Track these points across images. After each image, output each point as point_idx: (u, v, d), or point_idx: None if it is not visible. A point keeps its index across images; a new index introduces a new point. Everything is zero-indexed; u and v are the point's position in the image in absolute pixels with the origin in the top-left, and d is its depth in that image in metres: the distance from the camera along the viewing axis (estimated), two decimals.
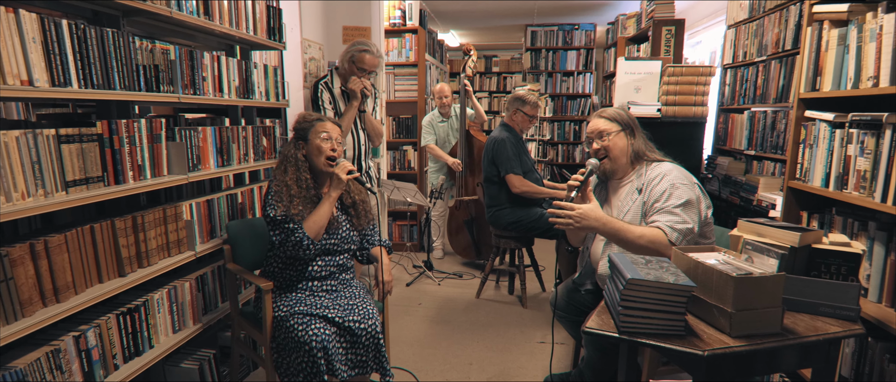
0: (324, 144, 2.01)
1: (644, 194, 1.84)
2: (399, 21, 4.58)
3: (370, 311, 1.97)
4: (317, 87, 2.88)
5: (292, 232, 1.94)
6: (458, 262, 4.58)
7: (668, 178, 1.80)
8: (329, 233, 2.05)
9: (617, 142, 1.90)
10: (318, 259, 2.05)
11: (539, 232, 3.35)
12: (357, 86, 2.84)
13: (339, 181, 1.97)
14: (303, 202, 1.98)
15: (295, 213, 1.94)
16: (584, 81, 6.78)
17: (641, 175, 1.89)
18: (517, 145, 3.37)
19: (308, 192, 2.01)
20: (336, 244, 2.07)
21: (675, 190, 1.76)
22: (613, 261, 1.40)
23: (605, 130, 1.92)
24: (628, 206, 1.89)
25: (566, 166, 6.95)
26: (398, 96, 4.76)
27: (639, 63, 2.77)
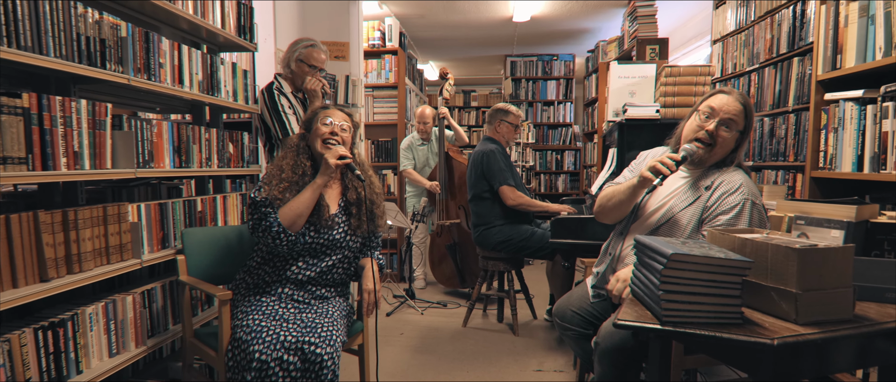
0: (323, 127, 1.80)
1: (711, 195, 1.56)
2: (378, 42, 4.45)
3: (333, 336, 1.63)
4: (272, 94, 2.60)
5: (265, 216, 1.70)
6: (441, 291, 4.28)
7: (743, 191, 1.52)
8: (317, 231, 1.78)
9: (731, 142, 1.58)
10: (301, 260, 1.77)
11: (531, 252, 3.11)
12: (316, 84, 2.62)
13: (327, 167, 1.73)
14: (292, 189, 1.75)
15: (276, 195, 1.72)
16: (564, 111, 6.74)
17: (716, 173, 1.61)
18: (506, 156, 3.18)
19: (302, 179, 1.78)
20: (324, 245, 1.79)
21: (744, 214, 1.49)
22: (643, 242, 1.17)
23: (737, 121, 1.56)
24: (687, 199, 1.63)
25: (549, 197, 6.80)
26: (377, 119, 4.57)
27: (632, 67, 2.64)
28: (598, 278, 1.94)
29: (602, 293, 1.90)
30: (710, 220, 1.54)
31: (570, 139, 6.80)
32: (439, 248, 4.15)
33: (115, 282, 1.93)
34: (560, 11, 4.95)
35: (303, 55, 2.63)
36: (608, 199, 1.78)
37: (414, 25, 5.38)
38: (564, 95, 6.73)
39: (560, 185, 6.87)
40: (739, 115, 1.55)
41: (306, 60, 2.62)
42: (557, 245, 2.62)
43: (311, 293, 1.77)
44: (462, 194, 3.99)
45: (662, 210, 1.68)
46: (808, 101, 2.47)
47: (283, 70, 2.67)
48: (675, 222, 1.63)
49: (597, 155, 5.07)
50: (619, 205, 1.72)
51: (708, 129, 1.54)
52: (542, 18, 5.19)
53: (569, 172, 6.83)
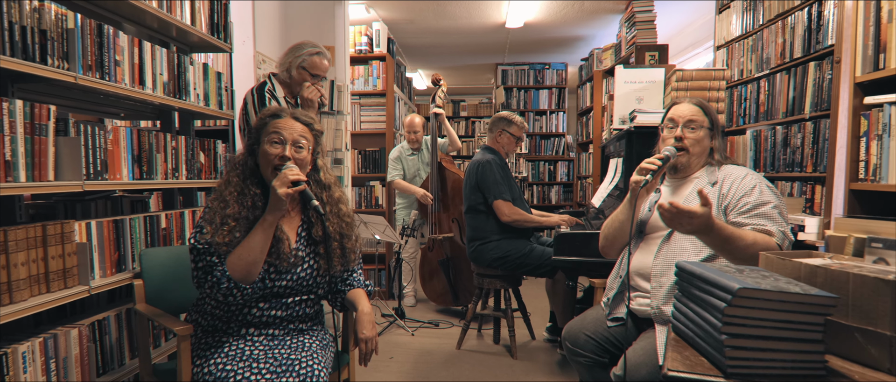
0: (272, 148, 1.43)
1: (722, 186, 1.58)
2: (365, 47, 4.24)
3: (316, 372, 1.40)
4: (263, 96, 2.38)
5: (210, 269, 1.37)
6: (432, 309, 4.04)
7: (752, 176, 1.57)
8: (278, 271, 1.45)
9: (703, 139, 1.65)
10: (262, 301, 1.47)
11: (529, 269, 2.90)
12: (314, 94, 2.39)
13: (277, 200, 1.35)
14: (242, 227, 1.40)
15: (220, 241, 1.36)
16: (556, 121, 6.58)
17: (714, 172, 1.65)
18: (503, 168, 2.97)
19: (253, 212, 1.42)
20: (288, 287, 1.48)
21: (766, 191, 1.53)
22: (691, 271, 0.96)
23: (697, 121, 1.64)
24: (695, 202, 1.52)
25: (541, 208, 6.60)
26: (364, 128, 4.35)
27: (640, 71, 2.46)
28: (610, 304, 1.74)
29: (620, 319, 1.70)
30: (735, 208, 1.52)
31: (564, 150, 6.64)
32: (431, 263, 3.92)
33: (66, 310, 1.68)
34: (555, 17, 4.80)
35: (307, 63, 2.40)
36: (609, 226, 1.74)
37: (402, 31, 5.19)
38: (557, 105, 6.58)
39: (553, 196, 6.69)
40: (697, 114, 1.65)
41: (310, 68, 2.40)
42: (560, 263, 2.41)
43: (284, 329, 1.51)
44: (455, 205, 3.78)
45: None
46: (827, 107, 2.31)
47: (281, 73, 2.45)
48: None
49: (593, 166, 4.90)
50: (621, 226, 1.68)
51: (676, 134, 1.64)
52: (536, 25, 5.03)
53: (562, 183, 6.66)
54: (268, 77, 2.47)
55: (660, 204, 1.34)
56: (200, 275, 1.38)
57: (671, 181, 1.72)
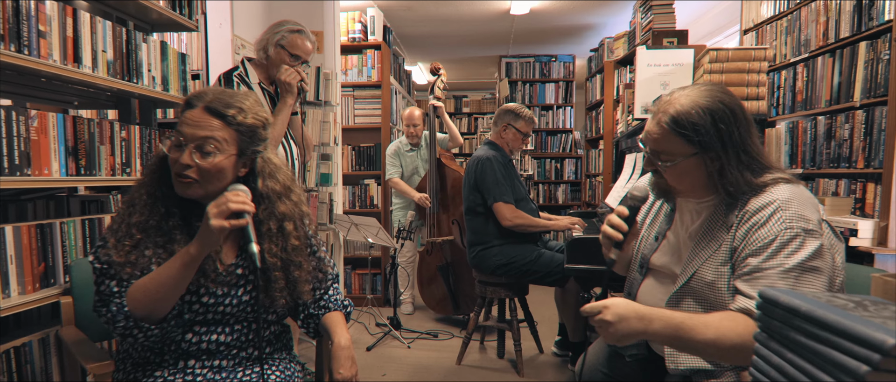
0: (170, 153, 1.10)
1: (738, 231, 1.08)
2: (359, 35, 3.94)
3: None
4: (230, 78, 2.08)
5: (107, 300, 1.06)
6: (431, 318, 3.74)
7: (780, 218, 1.02)
8: (209, 293, 1.13)
9: (688, 171, 1.11)
10: (198, 326, 1.16)
11: (537, 277, 2.60)
12: (293, 77, 2.09)
13: (209, 233, 1.01)
14: (150, 242, 1.09)
15: (121, 262, 1.05)
16: (564, 116, 6.26)
17: (735, 205, 1.11)
18: (507, 166, 2.67)
19: (166, 223, 1.11)
20: (228, 314, 1.16)
21: (792, 240, 1.00)
22: (793, 306, 0.66)
23: (662, 150, 1.11)
24: (709, 246, 1.14)
25: (548, 208, 6.30)
26: (358, 122, 4.05)
27: (665, 53, 2.16)
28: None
29: (636, 353, 1.38)
30: (739, 267, 1.05)
31: (571, 146, 6.32)
32: (429, 267, 3.62)
33: None
34: (563, 3, 4.48)
35: (286, 41, 2.10)
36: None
37: (400, 19, 4.88)
38: (564, 99, 6.26)
39: (560, 195, 6.37)
40: (662, 137, 1.10)
41: (289, 47, 2.10)
42: (573, 272, 2.11)
43: (234, 358, 1.19)
44: (456, 206, 3.48)
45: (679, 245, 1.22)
46: (884, 92, 2.00)
47: (256, 55, 2.15)
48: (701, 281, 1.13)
49: (603, 163, 4.59)
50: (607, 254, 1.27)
51: (646, 162, 1.20)
52: (543, 12, 4.72)
53: (569, 181, 6.34)
54: (241, 61, 2.17)
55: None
56: (97, 304, 1.08)
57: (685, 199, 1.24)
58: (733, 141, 1.07)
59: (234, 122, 1.10)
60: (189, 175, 1.07)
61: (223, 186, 1.10)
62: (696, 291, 1.14)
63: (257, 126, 1.13)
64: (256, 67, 2.17)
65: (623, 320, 1.01)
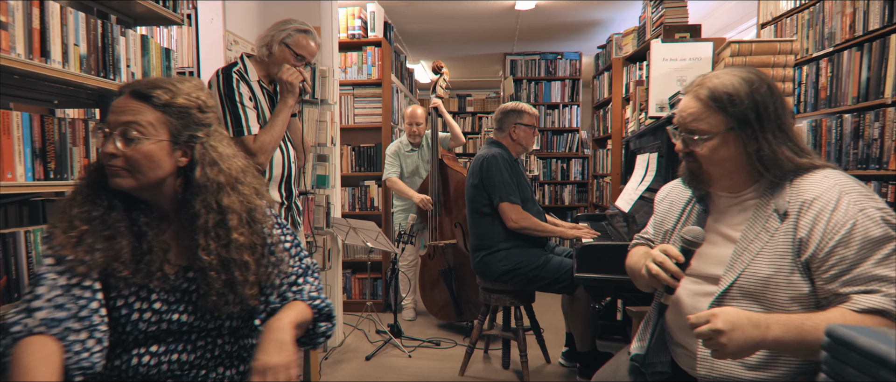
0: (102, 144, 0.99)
1: (799, 221, 1.01)
2: (359, 32, 3.81)
3: None
4: (229, 77, 1.95)
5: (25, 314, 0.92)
6: (433, 324, 3.62)
7: (847, 198, 0.98)
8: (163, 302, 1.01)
9: (719, 151, 1.08)
10: (153, 343, 1.02)
11: (544, 284, 2.46)
12: (295, 77, 1.98)
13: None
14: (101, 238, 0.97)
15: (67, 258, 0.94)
16: (570, 115, 6.12)
17: (781, 190, 1.06)
18: (513, 166, 2.54)
19: (109, 216, 0.99)
20: (189, 324, 1.03)
21: (872, 223, 0.96)
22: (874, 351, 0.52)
23: (697, 128, 1.08)
24: (759, 238, 1.06)
25: (553, 209, 6.15)
26: (358, 121, 3.92)
27: (681, 46, 2.02)
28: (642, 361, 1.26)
29: (662, 371, 1.25)
30: (823, 269, 0.98)
31: (578, 146, 6.18)
32: (432, 272, 3.50)
33: None
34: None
35: (292, 40, 1.99)
36: (631, 272, 1.33)
37: (401, 15, 4.75)
38: (570, 98, 6.12)
39: (566, 196, 6.22)
40: (698, 112, 1.08)
41: (294, 46, 1.99)
42: (584, 281, 1.98)
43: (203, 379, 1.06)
44: (458, 208, 3.35)
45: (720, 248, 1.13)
46: None
47: (257, 51, 2.03)
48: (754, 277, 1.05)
49: (611, 164, 4.44)
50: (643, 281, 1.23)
51: (678, 148, 1.15)
52: (548, 8, 4.58)
53: (576, 182, 6.20)
54: (241, 57, 2.05)
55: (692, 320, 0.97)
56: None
57: (719, 197, 1.17)
58: (769, 116, 1.05)
59: (160, 103, 0.98)
60: (115, 165, 0.96)
61: (159, 175, 0.99)
62: (747, 289, 1.05)
63: (189, 107, 1.01)
64: (256, 64, 2.05)
65: (737, 328, 0.93)
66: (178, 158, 1.01)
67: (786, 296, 1.02)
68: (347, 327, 3.42)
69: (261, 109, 2.02)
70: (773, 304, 1.03)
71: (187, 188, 1.02)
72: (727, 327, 0.93)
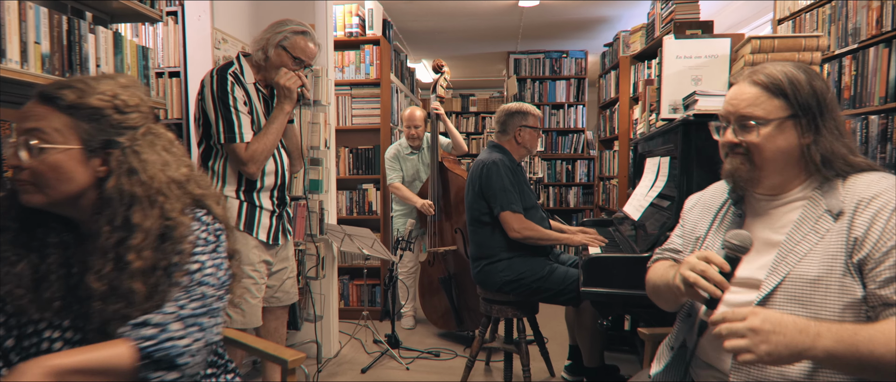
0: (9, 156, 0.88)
1: (854, 220, 0.94)
2: (357, 29, 3.68)
3: None
4: (224, 79, 1.82)
5: None
6: (433, 333, 3.49)
7: None
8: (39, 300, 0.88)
9: (773, 139, 1.00)
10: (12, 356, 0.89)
11: (548, 295, 2.33)
12: (293, 82, 1.86)
13: None
14: (27, 254, 0.88)
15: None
16: (575, 115, 5.97)
17: (833, 189, 0.99)
18: (515, 172, 2.40)
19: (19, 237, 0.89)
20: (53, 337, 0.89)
21: None
22: None
23: (753, 114, 1.00)
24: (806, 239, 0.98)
25: (558, 212, 6.01)
26: (356, 122, 3.80)
27: (696, 43, 1.88)
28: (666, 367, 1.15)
29: None
30: (877, 271, 0.90)
31: (583, 147, 6.03)
32: (431, 279, 3.37)
33: None
34: None
35: (289, 43, 1.86)
36: (654, 289, 1.21)
37: (401, 13, 4.62)
38: (576, 97, 5.96)
39: (572, 199, 6.08)
40: (754, 98, 1.01)
41: (292, 50, 1.86)
42: (591, 296, 1.84)
43: None
44: (459, 214, 3.22)
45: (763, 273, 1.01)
46: None
47: (254, 54, 1.90)
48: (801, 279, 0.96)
49: (618, 165, 4.30)
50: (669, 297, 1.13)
51: (727, 138, 1.04)
52: (553, 4, 4.44)
53: (581, 184, 6.05)
54: (237, 57, 1.92)
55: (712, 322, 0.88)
56: None
57: (755, 198, 1.09)
58: (827, 107, 1.00)
59: (66, 105, 0.85)
60: (21, 179, 0.84)
61: (71, 189, 0.86)
62: (792, 293, 0.97)
63: (103, 108, 0.87)
64: (251, 66, 1.92)
65: (779, 330, 0.84)
66: (96, 167, 0.88)
67: (838, 302, 0.92)
68: (344, 336, 3.30)
69: (256, 115, 1.90)
70: (821, 310, 0.94)
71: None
72: (767, 327, 0.84)
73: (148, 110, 0.93)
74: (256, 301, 1.96)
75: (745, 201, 1.11)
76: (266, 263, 1.99)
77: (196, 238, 0.92)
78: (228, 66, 1.87)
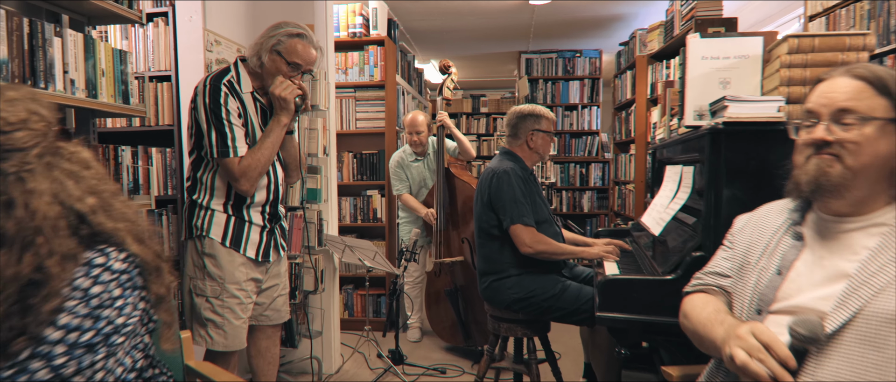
0: None
1: None
2: (360, 30, 3.54)
3: None
4: (217, 88, 1.68)
5: None
6: (440, 346, 3.34)
7: None
8: None
9: (876, 144, 0.87)
10: None
11: (561, 315, 2.16)
12: (289, 92, 1.71)
13: None
14: None
15: None
16: (589, 116, 5.77)
17: None
18: (527, 181, 2.23)
19: None
20: None
21: None
22: None
23: (855, 108, 0.88)
24: (884, 270, 0.83)
25: (572, 217, 5.82)
26: (360, 126, 3.66)
27: (725, 41, 1.70)
28: None
29: None
30: None
31: (598, 150, 5.83)
32: (438, 291, 3.21)
33: None
34: None
35: (283, 47, 1.71)
36: (693, 333, 1.06)
37: (407, 12, 4.47)
38: (590, 98, 5.77)
39: (585, 203, 5.88)
40: (856, 92, 0.89)
41: (287, 54, 1.71)
42: (607, 322, 1.67)
43: None
44: (466, 223, 3.07)
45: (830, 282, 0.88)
46: None
47: (251, 59, 1.75)
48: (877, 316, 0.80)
49: (635, 170, 4.11)
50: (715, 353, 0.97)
51: (817, 136, 0.90)
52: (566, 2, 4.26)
53: (596, 188, 5.85)
54: (234, 63, 1.78)
55: None
56: None
57: (823, 220, 0.95)
58: None
59: None
60: None
61: None
62: (864, 333, 0.82)
63: None
64: (248, 74, 1.78)
65: None
66: None
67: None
68: (346, 349, 3.16)
69: (251, 126, 1.76)
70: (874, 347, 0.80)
71: None
72: None
73: (45, 128, 0.78)
74: (240, 323, 1.82)
75: (805, 222, 0.97)
76: (254, 280, 1.86)
77: (71, 292, 0.76)
78: (223, 73, 1.73)
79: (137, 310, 0.83)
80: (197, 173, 1.79)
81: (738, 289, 1.03)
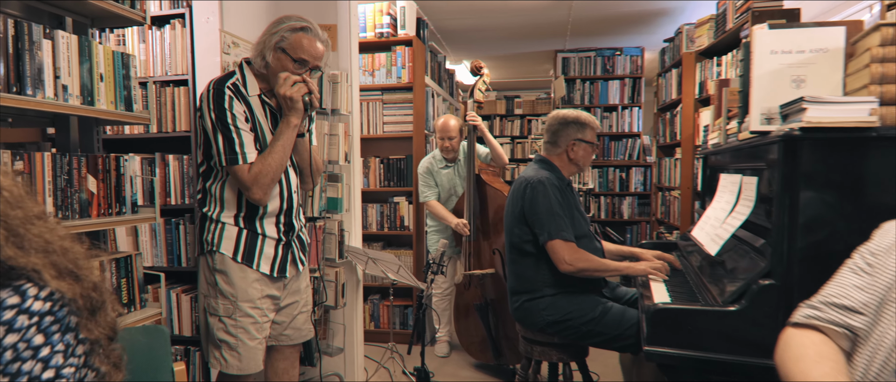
0: None
1: None
2: (388, 30, 3.39)
3: None
4: (221, 93, 1.57)
5: None
6: (469, 363, 3.15)
7: None
8: None
9: None
10: None
11: (601, 340, 1.95)
12: (296, 90, 1.57)
13: None
14: None
15: None
16: (630, 118, 5.47)
17: None
18: (564, 192, 2.03)
19: None
20: None
21: None
22: None
23: None
24: None
25: (610, 224, 5.53)
26: (388, 131, 3.51)
27: (798, 33, 1.45)
28: None
29: None
30: None
31: (639, 153, 5.52)
32: (467, 304, 3.03)
33: None
34: None
35: (287, 43, 1.59)
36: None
37: (437, 11, 4.30)
38: (631, 99, 5.47)
39: (625, 210, 5.57)
40: None
41: (292, 51, 1.59)
42: (657, 357, 1.45)
43: None
44: (498, 233, 2.87)
45: None
46: None
47: (255, 60, 1.64)
48: None
49: (680, 176, 3.81)
50: None
51: None
52: None
53: (637, 193, 5.54)
54: (239, 66, 1.67)
55: None
56: None
57: None
58: None
59: None
60: None
61: None
62: None
63: None
64: (254, 76, 1.66)
65: None
66: None
67: None
68: (371, 363, 3.02)
69: (260, 131, 1.63)
70: None
71: None
72: None
73: None
74: (256, 344, 1.69)
75: None
76: (271, 298, 1.72)
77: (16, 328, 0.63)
78: (228, 77, 1.61)
79: (74, 356, 0.68)
80: (207, 184, 1.68)
81: (875, 337, 0.75)
